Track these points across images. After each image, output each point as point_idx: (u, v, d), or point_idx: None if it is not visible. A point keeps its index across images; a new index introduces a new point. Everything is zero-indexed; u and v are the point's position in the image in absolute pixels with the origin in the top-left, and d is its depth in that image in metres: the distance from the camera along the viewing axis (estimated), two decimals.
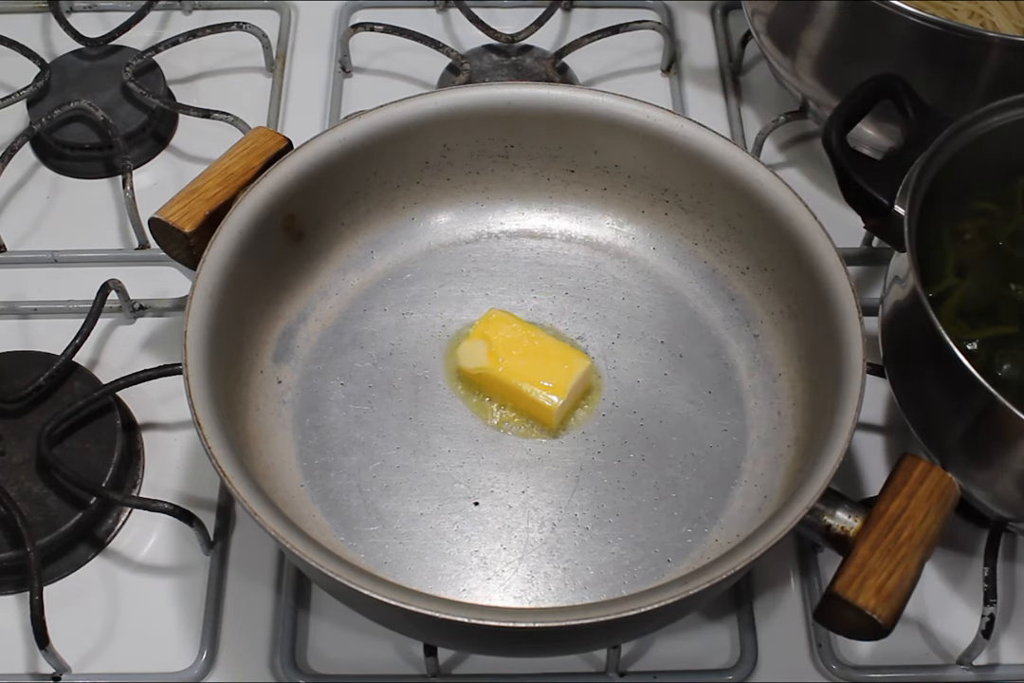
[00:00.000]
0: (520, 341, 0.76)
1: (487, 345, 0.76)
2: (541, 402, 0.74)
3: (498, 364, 0.75)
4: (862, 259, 0.89)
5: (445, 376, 0.78)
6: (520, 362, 0.75)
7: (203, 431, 0.64)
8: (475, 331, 0.77)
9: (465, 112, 0.78)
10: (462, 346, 0.77)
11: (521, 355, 0.76)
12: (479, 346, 0.76)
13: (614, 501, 0.73)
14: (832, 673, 0.73)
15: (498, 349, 0.76)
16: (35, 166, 0.95)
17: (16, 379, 0.79)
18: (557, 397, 0.74)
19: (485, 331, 0.76)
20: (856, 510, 0.63)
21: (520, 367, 0.75)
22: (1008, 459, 0.66)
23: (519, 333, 0.76)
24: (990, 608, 0.71)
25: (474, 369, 0.76)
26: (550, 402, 0.74)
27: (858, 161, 0.72)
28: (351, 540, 0.72)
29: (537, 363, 0.75)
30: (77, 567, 0.76)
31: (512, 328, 0.76)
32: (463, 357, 0.76)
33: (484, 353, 0.76)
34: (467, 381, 0.77)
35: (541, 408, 0.74)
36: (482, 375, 0.76)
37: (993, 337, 0.70)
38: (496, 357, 0.75)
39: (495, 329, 0.76)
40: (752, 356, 0.78)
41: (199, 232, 0.72)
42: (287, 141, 0.77)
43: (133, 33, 0.98)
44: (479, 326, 0.77)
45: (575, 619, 0.59)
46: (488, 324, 0.77)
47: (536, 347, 0.76)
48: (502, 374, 0.75)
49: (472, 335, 0.77)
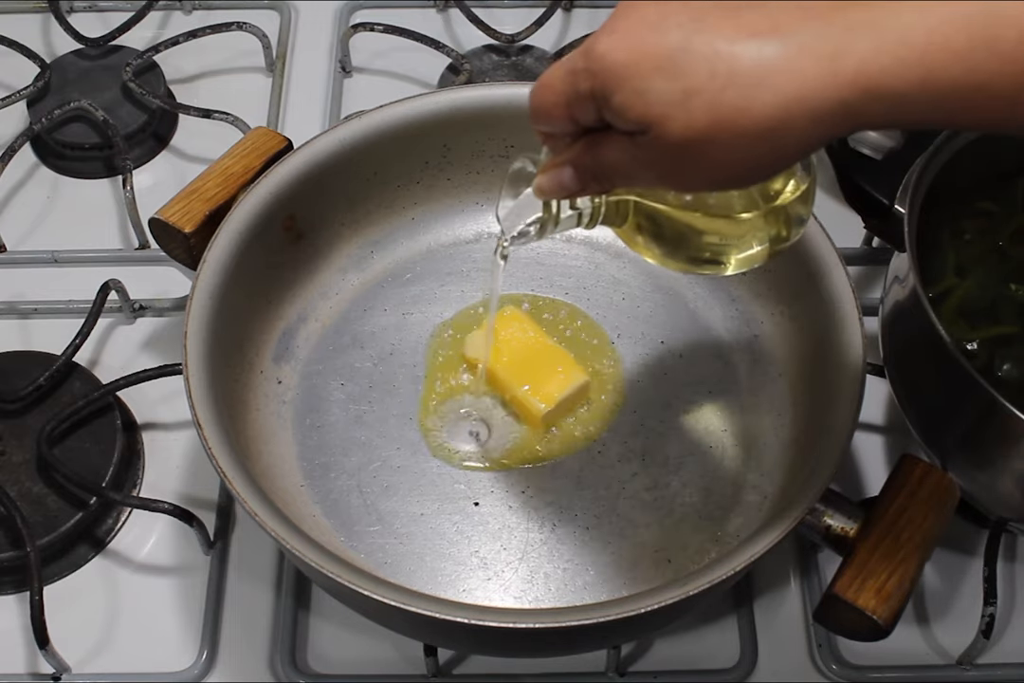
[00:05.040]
0: (526, 342, 0.76)
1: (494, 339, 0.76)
2: (530, 405, 0.74)
3: (499, 359, 0.76)
4: (862, 259, 0.89)
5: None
6: (520, 362, 0.76)
7: (203, 431, 0.64)
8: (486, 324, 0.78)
9: (465, 112, 0.78)
10: (472, 334, 0.78)
11: (523, 356, 0.76)
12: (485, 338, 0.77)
13: (614, 501, 0.73)
14: (832, 673, 0.73)
15: (503, 345, 0.76)
16: (35, 166, 0.95)
17: (16, 379, 0.79)
18: (545, 405, 0.74)
19: (496, 326, 0.77)
20: (856, 511, 0.63)
21: (518, 367, 0.75)
22: (1008, 459, 0.66)
23: (527, 334, 0.77)
24: (990, 608, 0.71)
25: (475, 360, 0.76)
26: (537, 408, 0.74)
27: (858, 161, 0.72)
28: (351, 540, 0.72)
29: (535, 367, 0.75)
30: (77, 567, 0.76)
31: (522, 328, 0.77)
32: (469, 345, 0.77)
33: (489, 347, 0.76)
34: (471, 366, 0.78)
35: (528, 411, 0.75)
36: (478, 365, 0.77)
37: (993, 337, 0.70)
38: (500, 353, 0.76)
39: (505, 326, 0.77)
40: (752, 356, 0.78)
41: (199, 232, 0.72)
42: (287, 141, 0.77)
43: (133, 33, 0.98)
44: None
45: (575, 620, 0.59)
46: (500, 320, 0.77)
47: (539, 352, 0.76)
48: (500, 370, 0.75)
49: (483, 327, 0.78)
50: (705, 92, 0.45)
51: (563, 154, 0.53)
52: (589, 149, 0.52)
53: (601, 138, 0.51)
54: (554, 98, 0.50)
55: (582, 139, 0.52)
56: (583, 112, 0.50)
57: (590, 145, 0.52)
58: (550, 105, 0.51)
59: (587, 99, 0.49)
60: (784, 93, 0.45)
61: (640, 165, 0.50)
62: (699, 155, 0.47)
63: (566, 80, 0.50)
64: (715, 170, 0.48)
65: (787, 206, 0.57)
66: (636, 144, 0.49)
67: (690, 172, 0.49)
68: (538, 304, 0.81)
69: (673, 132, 0.47)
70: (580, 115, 0.50)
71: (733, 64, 0.45)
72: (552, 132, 0.53)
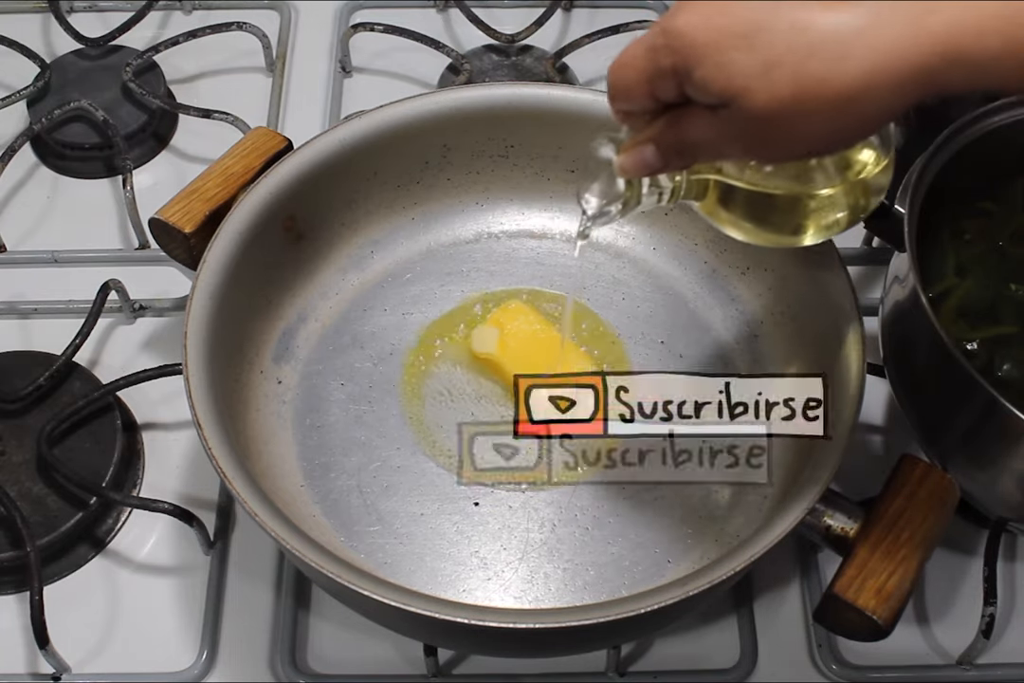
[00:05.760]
0: (532, 335, 0.77)
1: (499, 333, 0.77)
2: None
3: (505, 353, 0.76)
4: (862, 259, 0.88)
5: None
6: (526, 355, 0.76)
7: (203, 431, 0.64)
8: (492, 318, 0.78)
9: (465, 112, 0.78)
10: (476, 330, 0.78)
11: (529, 348, 0.76)
12: (491, 333, 0.77)
13: (614, 501, 0.73)
14: (832, 673, 0.73)
15: (508, 339, 0.76)
16: (35, 166, 0.95)
17: (16, 379, 0.79)
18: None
19: (501, 319, 0.77)
20: (856, 511, 0.63)
21: (524, 360, 0.76)
22: (1008, 459, 0.66)
23: (533, 327, 0.77)
24: (990, 608, 0.71)
25: (481, 354, 0.77)
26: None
27: None
28: (351, 540, 0.72)
29: (541, 359, 0.76)
30: (77, 567, 0.76)
31: (528, 320, 0.77)
32: (475, 340, 0.78)
33: (495, 340, 0.77)
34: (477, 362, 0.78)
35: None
36: (489, 361, 0.77)
37: (993, 337, 0.70)
38: (505, 346, 0.76)
39: (511, 319, 0.77)
40: (752, 356, 0.78)
41: (199, 232, 0.72)
42: (287, 141, 0.77)
43: (133, 33, 0.98)
44: (497, 314, 0.78)
45: (575, 620, 0.59)
46: (506, 313, 0.78)
47: (545, 344, 0.77)
48: (505, 363, 0.76)
49: (488, 321, 0.78)
50: (786, 64, 0.46)
51: (644, 132, 0.54)
52: (671, 126, 0.52)
53: (683, 114, 0.51)
54: (635, 76, 0.51)
55: (663, 116, 0.52)
56: (664, 88, 0.51)
57: (672, 121, 0.52)
58: (631, 83, 0.51)
59: (668, 75, 0.50)
60: (865, 62, 0.46)
61: (723, 138, 0.51)
62: (782, 126, 0.48)
63: (646, 57, 0.50)
64: (798, 140, 0.49)
65: (867, 178, 0.58)
66: (719, 118, 0.50)
67: (773, 143, 0.50)
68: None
69: (756, 104, 0.47)
70: (661, 92, 0.51)
71: (812, 35, 0.46)
72: (632, 110, 0.53)
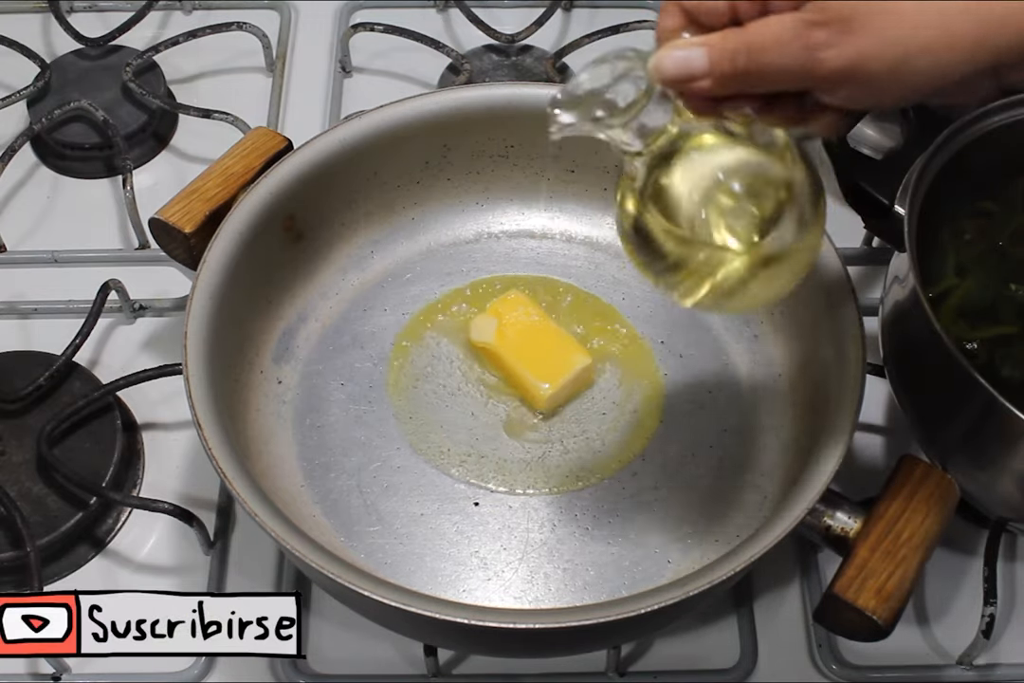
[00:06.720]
0: (530, 325, 0.77)
1: (498, 323, 0.77)
2: (532, 385, 0.75)
3: (503, 342, 0.76)
4: (862, 259, 0.88)
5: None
6: (524, 344, 0.76)
7: (203, 431, 0.64)
8: (491, 308, 0.78)
9: (465, 112, 0.78)
10: (476, 319, 0.78)
11: (527, 338, 0.77)
12: (490, 322, 0.77)
13: (614, 501, 0.73)
14: (832, 673, 0.73)
15: (507, 328, 0.77)
16: (35, 166, 0.95)
17: (16, 379, 0.79)
18: (548, 384, 0.75)
19: (500, 309, 0.78)
20: (856, 511, 0.63)
21: (522, 349, 0.76)
22: (1008, 459, 0.66)
23: (531, 318, 0.77)
24: (990, 608, 0.71)
25: (479, 343, 0.77)
26: (541, 388, 0.75)
27: (858, 161, 0.72)
28: (351, 541, 0.72)
29: (539, 349, 0.76)
30: (77, 567, 0.76)
31: (526, 311, 0.78)
32: (473, 330, 0.78)
33: (493, 330, 0.77)
34: (476, 352, 0.79)
35: (532, 391, 0.75)
36: (486, 350, 0.77)
37: (993, 337, 0.70)
38: (503, 336, 0.76)
39: (509, 309, 0.78)
40: (752, 356, 0.78)
41: (199, 232, 0.72)
42: (287, 141, 0.77)
43: (133, 33, 0.98)
44: (496, 304, 0.78)
45: (575, 620, 0.59)
46: (504, 303, 0.78)
47: (543, 334, 0.77)
48: (503, 352, 0.76)
49: (487, 311, 0.78)
50: None
51: (700, 37, 0.50)
52: (734, 32, 0.49)
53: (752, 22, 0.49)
54: None
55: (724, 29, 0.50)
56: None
57: (735, 30, 0.49)
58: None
59: None
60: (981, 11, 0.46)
61: (797, 37, 0.48)
62: (866, 20, 0.47)
63: None
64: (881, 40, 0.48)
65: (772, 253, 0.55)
66: (802, 10, 0.48)
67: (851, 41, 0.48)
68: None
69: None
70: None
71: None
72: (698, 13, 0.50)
